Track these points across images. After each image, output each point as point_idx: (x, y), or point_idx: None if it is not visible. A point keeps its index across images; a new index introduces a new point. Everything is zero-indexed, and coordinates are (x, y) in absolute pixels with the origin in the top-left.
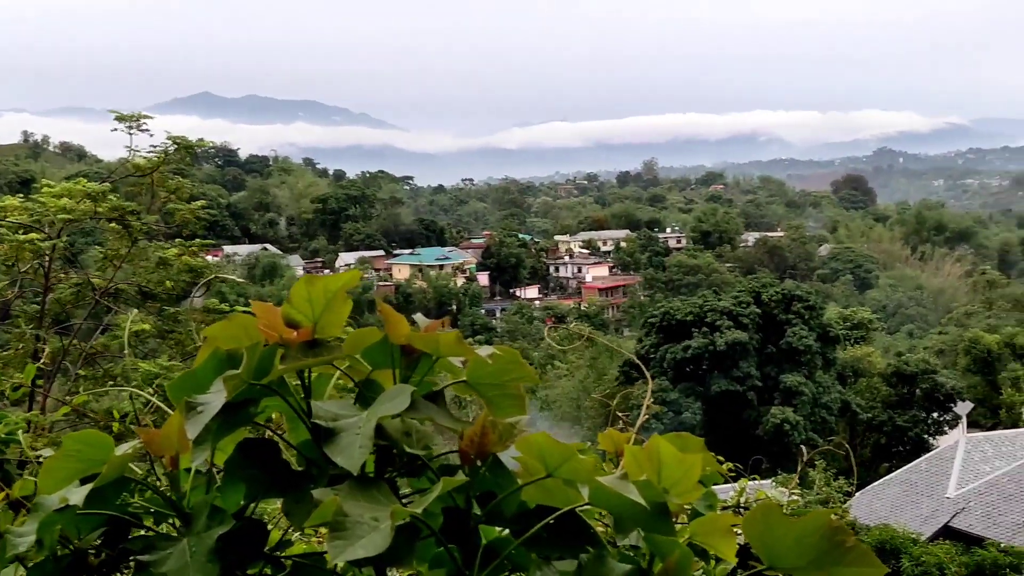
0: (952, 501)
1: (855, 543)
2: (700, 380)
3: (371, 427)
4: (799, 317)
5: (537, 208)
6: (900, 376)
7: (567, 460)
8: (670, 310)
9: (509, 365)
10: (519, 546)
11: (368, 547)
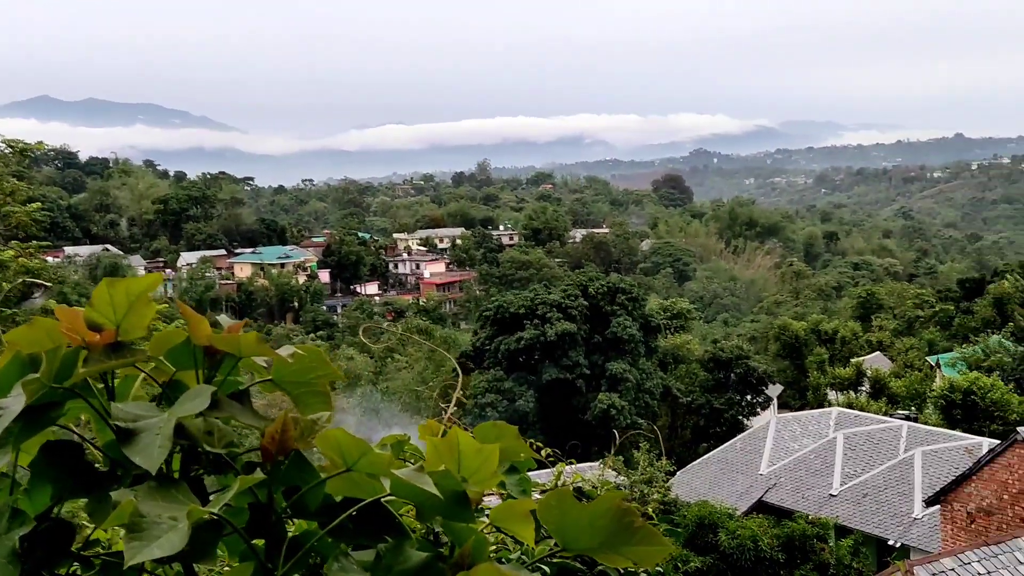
0: (765, 477)
1: (643, 524)
2: (532, 369)
3: (170, 427)
4: (623, 308)
5: (376, 207)
6: (716, 362)
7: (364, 454)
8: (504, 303)
9: (313, 363)
10: (326, 537)
11: (165, 547)
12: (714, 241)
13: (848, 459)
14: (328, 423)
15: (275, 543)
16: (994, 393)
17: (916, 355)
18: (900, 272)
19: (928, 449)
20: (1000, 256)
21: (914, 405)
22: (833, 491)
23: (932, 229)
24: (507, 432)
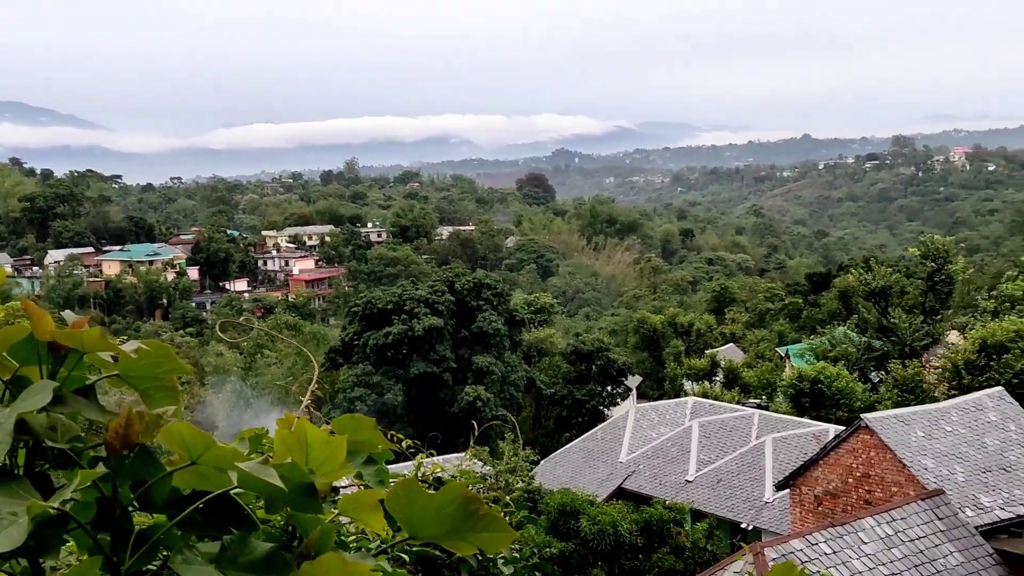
0: (624, 465)
1: (487, 511)
2: (401, 363)
3: (11, 423)
4: (489, 303)
5: (245, 205)
6: (578, 354)
7: (208, 448)
8: (372, 299)
9: (160, 359)
10: (175, 530)
11: (4, 542)
12: (576, 238)
13: (703, 446)
14: (174, 417)
15: (121, 536)
16: (840, 382)
17: (767, 346)
18: (752, 267)
19: (778, 436)
20: (845, 251)
21: (765, 394)
22: (689, 477)
23: (782, 226)
24: (364, 424)
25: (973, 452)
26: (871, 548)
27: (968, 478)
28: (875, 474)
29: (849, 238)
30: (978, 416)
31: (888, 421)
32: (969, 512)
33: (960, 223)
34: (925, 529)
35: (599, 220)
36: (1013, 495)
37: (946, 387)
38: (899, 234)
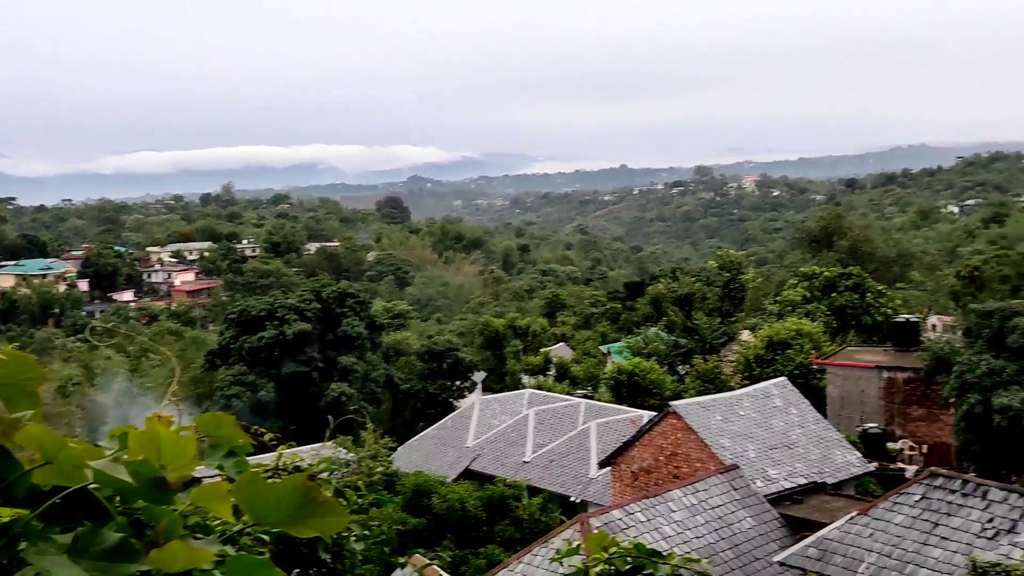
0: (471, 449)
1: (325, 498)
2: (273, 364)
3: None
4: (352, 310)
5: (131, 225)
6: (431, 353)
7: (62, 448)
8: (247, 307)
9: (21, 367)
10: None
11: None
12: (429, 253)
13: (538, 431)
14: (32, 420)
15: None
16: (652, 374)
17: (592, 344)
18: (579, 277)
19: (601, 421)
20: (656, 263)
21: (590, 385)
22: (526, 458)
23: (604, 242)
24: (225, 421)
25: (762, 432)
26: (679, 516)
27: (758, 454)
28: (682, 452)
29: (660, 252)
30: (766, 402)
31: (692, 407)
32: (759, 483)
33: (751, 240)
34: (723, 499)
35: (448, 237)
36: (795, 468)
37: (740, 378)
38: (700, 249)
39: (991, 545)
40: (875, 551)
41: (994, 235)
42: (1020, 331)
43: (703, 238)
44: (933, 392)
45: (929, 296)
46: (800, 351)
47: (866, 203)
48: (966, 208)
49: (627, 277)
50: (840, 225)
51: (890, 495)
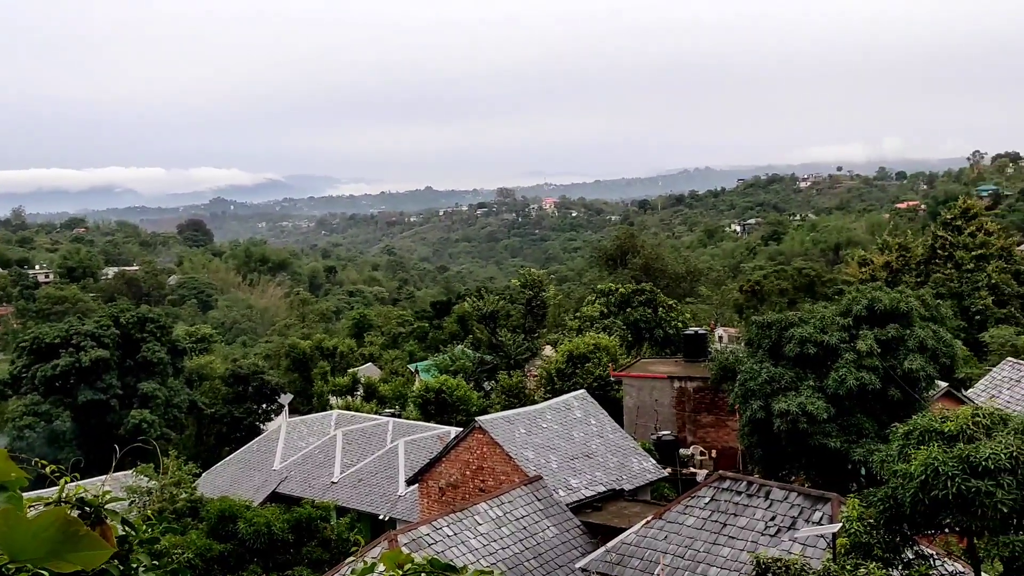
0: (278, 472)
1: (86, 532)
2: (69, 392)
3: None
4: (152, 335)
5: None
6: (236, 377)
7: None
8: (39, 335)
9: None
10: None
11: None
12: (233, 276)
13: (346, 452)
14: None
15: None
16: (459, 391)
17: (400, 363)
18: (386, 297)
19: (409, 439)
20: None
21: (399, 404)
22: (334, 479)
23: (411, 263)
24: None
25: (564, 443)
26: (485, 528)
27: (560, 465)
28: (488, 466)
29: (465, 272)
30: (567, 414)
31: (497, 421)
32: (562, 492)
33: (552, 259)
34: (528, 509)
35: (253, 260)
36: (595, 476)
37: (543, 391)
38: (505, 268)
39: (774, 542)
40: (669, 552)
41: (772, 252)
42: (796, 341)
43: (507, 257)
44: (720, 400)
45: (716, 309)
46: (598, 364)
47: (657, 223)
48: (747, 227)
49: (434, 297)
50: (634, 244)
51: (682, 499)
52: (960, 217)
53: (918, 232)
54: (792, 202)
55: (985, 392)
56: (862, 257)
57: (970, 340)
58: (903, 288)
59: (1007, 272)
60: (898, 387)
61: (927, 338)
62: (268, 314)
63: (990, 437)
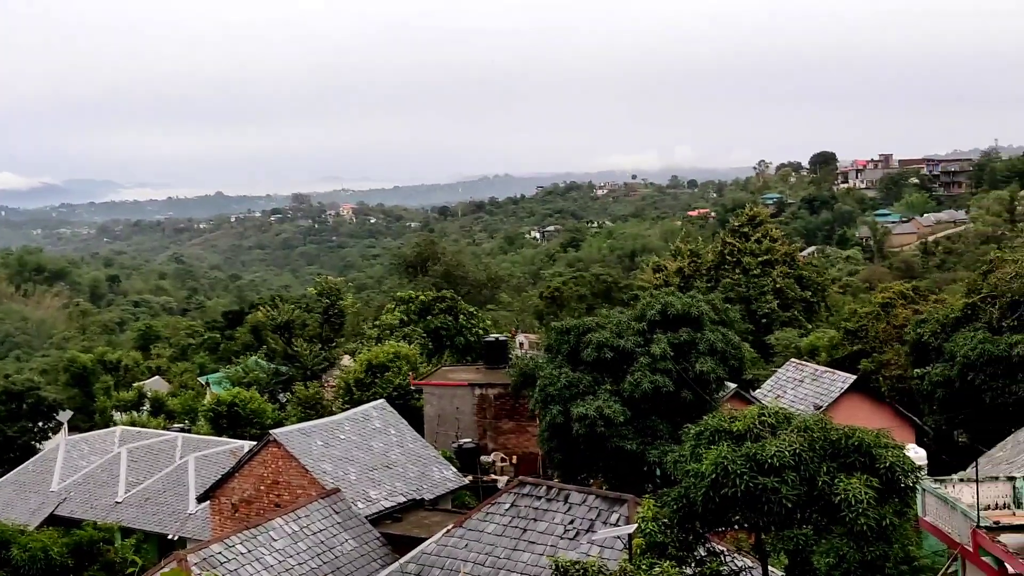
0: (56, 493)
1: None
2: None
3: None
4: None
5: None
6: (9, 394)
7: None
8: None
9: None
10: None
11: None
12: (5, 285)
13: (132, 469)
14: None
15: None
16: (253, 403)
17: (190, 376)
18: (175, 307)
19: (200, 455)
20: (256, 291)
21: (188, 419)
22: (119, 498)
23: (201, 271)
24: None
25: (363, 454)
26: (280, 544)
27: (359, 476)
28: (283, 480)
29: (259, 280)
30: (366, 424)
31: (293, 434)
32: (361, 504)
33: (350, 266)
34: (325, 523)
35: (27, 268)
36: (395, 487)
37: (341, 402)
38: (301, 276)
39: (573, 545)
40: (470, 560)
41: (571, 258)
42: (593, 346)
43: (303, 265)
44: (521, 406)
45: (516, 316)
46: (398, 373)
47: (458, 229)
48: (547, 233)
49: (226, 306)
50: (434, 251)
51: (483, 506)
52: (747, 224)
53: (709, 239)
54: (590, 209)
55: (771, 392)
56: (656, 263)
57: (757, 342)
58: (694, 293)
59: (790, 277)
60: (690, 389)
61: (717, 341)
62: (45, 326)
63: (775, 435)
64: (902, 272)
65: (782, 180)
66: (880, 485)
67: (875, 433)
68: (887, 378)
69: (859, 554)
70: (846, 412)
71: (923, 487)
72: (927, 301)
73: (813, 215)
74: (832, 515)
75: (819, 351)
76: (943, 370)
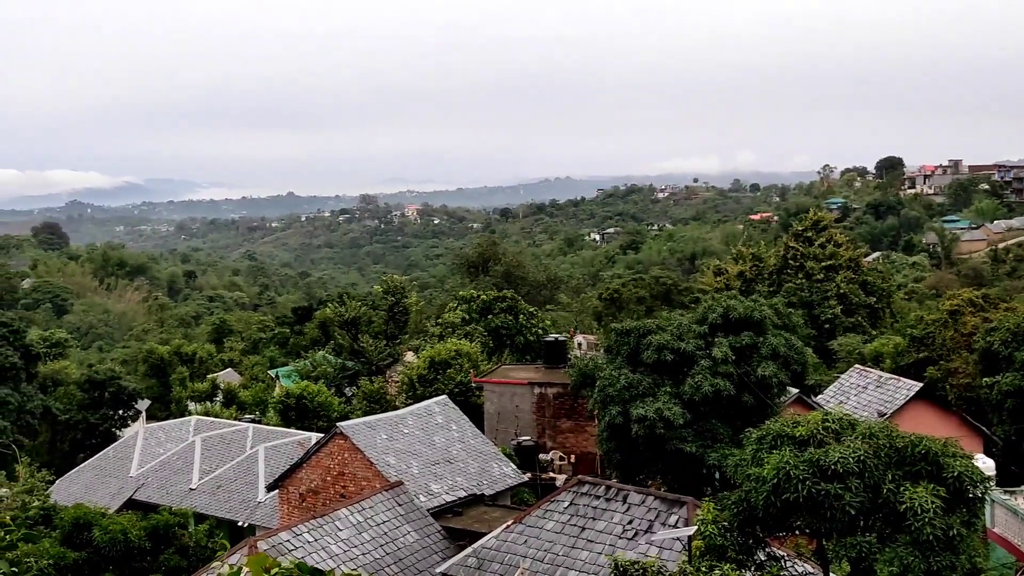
0: (134, 479)
1: None
2: None
3: None
4: (4, 340)
5: None
6: (92, 383)
7: None
8: None
9: None
10: None
11: None
12: (89, 279)
13: (205, 458)
14: None
15: None
16: (320, 397)
17: (260, 369)
18: (247, 303)
19: (269, 445)
20: (324, 289)
21: (259, 410)
22: (192, 485)
23: (272, 268)
24: None
25: (425, 449)
26: (345, 534)
27: (422, 470)
28: (349, 472)
29: (327, 278)
30: (428, 419)
31: (358, 427)
32: (423, 498)
33: (414, 265)
34: (388, 515)
35: (111, 264)
36: (456, 482)
37: (404, 397)
38: (367, 275)
39: (631, 545)
40: (529, 556)
41: (631, 260)
42: (653, 348)
43: (369, 264)
44: (579, 405)
45: (575, 317)
46: (460, 370)
47: (518, 231)
48: (606, 236)
49: (295, 302)
50: (495, 251)
51: (542, 503)
52: (811, 229)
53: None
54: (650, 212)
55: (834, 398)
56: (717, 267)
57: (820, 348)
58: (756, 297)
59: (855, 282)
60: (752, 393)
61: (779, 345)
62: (126, 319)
63: (839, 441)
64: (970, 279)
65: (847, 185)
66: (947, 495)
67: (942, 442)
68: (954, 386)
69: (924, 564)
70: (911, 420)
71: (992, 498)
72: (997, 309)
73: (879, 220)
74: (897, 524)
75: (883, 358)
76: (1013, 379)
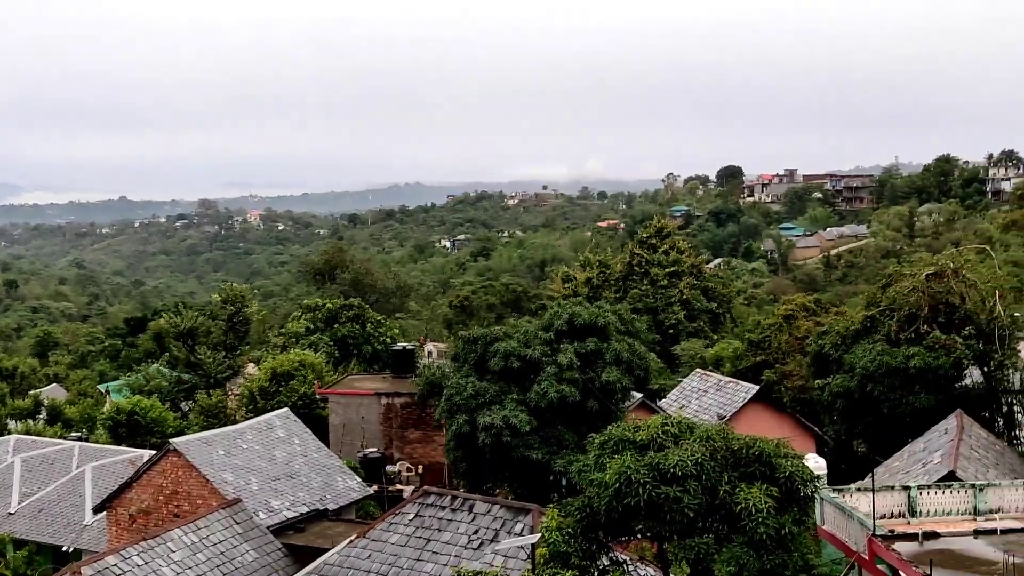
0: None
1: None
2: None
3: None
4: None
5: None
6: None
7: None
8: None
9: None
10: None
11: None
12: None
13: (26, 480)
14: None
15: None
16: (153, 412)
17: (89, 384)
18: (75, 314)
19: (97, 464)
20: (160, 298)
21: (86, 427)
22: (11, 509)
23: (103, 276)
24: None
25: (265, 464)
26: (179, 555)
27: (261, 486)
28: (183, 490)
29: (163, 287)
30: (269, 434)
31: (193, 443)
32: (263, 515)
33: (257, 273)
34: (225, 534)
35: None
36: (298, 497)
37: (244, 411)
38: (206, 283)
39: (477, 555)
40: (373, 571)
41: (481, 267)
42: (500, 355)
43: (209, 271)
44: (427, 415)
45: (426, 324)
46: (303, 382)
47: (367, 237)
48: (457, 243)
49: (128, 313)
50: (342, 258)
51: (387, 516)
52: (655, 236)
53: (617, 250)
54: (500, 219)
55: (676, 402)
56: (565, 273)
57: (664, 352)
58: (602, 303)
59: (697, 288)
60: (596, 398)
61: (623, 351)
62: None
63: (678, 445)
64: (805, 285)
65: (690, 193)
66: (780, 494)
67: (775, 443)
68: (789, 388)
69: (759, 562)
70: (749, 422)
71: (821, 496)
72: (828, 313)
73: (719, 228)
74: (733, 524)
75: (724, 361)
76: (843, 381)
